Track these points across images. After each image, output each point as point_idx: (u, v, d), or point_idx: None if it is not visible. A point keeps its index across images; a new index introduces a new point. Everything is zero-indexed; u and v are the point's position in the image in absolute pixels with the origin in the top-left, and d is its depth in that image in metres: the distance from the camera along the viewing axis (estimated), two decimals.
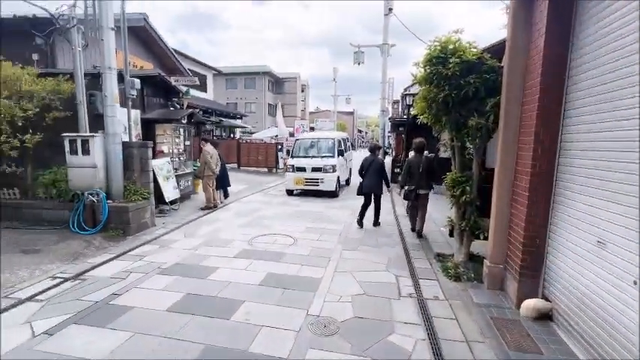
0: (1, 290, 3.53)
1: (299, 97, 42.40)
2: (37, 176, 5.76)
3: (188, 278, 3.92)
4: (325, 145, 10.05)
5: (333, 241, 5.43)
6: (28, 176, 5.87)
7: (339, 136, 11.01)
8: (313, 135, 11.66)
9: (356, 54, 13.68)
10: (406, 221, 6.78)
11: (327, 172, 9.14)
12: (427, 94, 4.30)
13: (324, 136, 10.95)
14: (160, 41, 11.50)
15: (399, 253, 4.96)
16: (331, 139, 10.21)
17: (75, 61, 5.57)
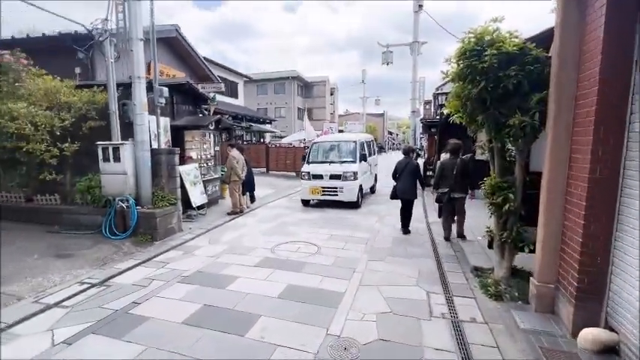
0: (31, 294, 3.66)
1: (328, 101, 42.37)
2: (75, 183, 6.04)
3: (207, 288, 3.83)
4: (345, 149, 8.87)
5: (359, 251, 5.14)
6: (67, 183, 6.19)
7: (362, 138, 9.58)
8: (332, 138, 10.11)
9: (384, 54, 13.26)
10: (439, 229, 6.30)
11: (348, 179, 7.95)
12: (461, 92, 3.90)
13: (344, 138, 9.72)
14: (191, 51, 11.89)
15: (430, 265, 4.56)
16: (352, 141, 8.92)
17: (107, 73, 5.80)
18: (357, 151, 8.53)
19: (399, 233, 6.11)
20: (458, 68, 3.88)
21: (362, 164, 8.51)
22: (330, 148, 9.15)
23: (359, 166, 8.29)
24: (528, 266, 3.69)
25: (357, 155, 8.44)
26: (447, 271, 4.32)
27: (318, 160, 8.83)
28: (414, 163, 6.24)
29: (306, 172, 8.43)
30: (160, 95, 6.31)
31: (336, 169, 8.15)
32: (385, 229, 6.45)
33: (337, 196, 8.00)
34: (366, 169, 8.90)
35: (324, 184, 8.16)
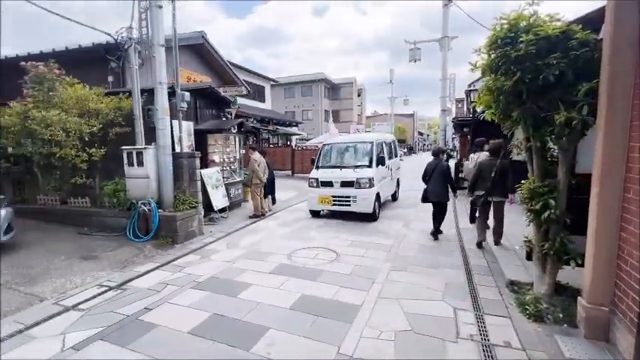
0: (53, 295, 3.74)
1: (355, 102, 41.94)
2: (103, 186, 6.27)
3: (219, 295, 3.71)
4: (360, 152, 7.67)
5: (380, 258, 4.82)
6: (96, 186, 6.45)
7: (380, 138, 8.22)
8: (344, 139, 8.69)
9: (412, 51, 12.73)
10: (470, 236, 5.81)
11: (362, 187, 6.78)
12: (492, 85, 3.49)
13: (358, 139, 8.29)
14: (217, 56, 12.14)
15: (460, 277, 4.14)
16: (368, 142, 7.67)
17: (132, 79, 5.97)
18: (373, 153, 7.31)
19: (427, 240, 5.70)
20: (489, 59, 3.48)
21: (379, 169, 7.32)
22: (342, 151, 7.95)
23: (375, 171, 7.10)
24: (575, 282, 3.20)
25: (374, 158, 7.23)
26: (478, 284, 3.89)
27: (329, 164, 7.71)
28: (444, 165, 5.91)
29: (314, 179, 7.33)
30: (182, 100, 6.38)
31: (349, 175, 7.02)
32: (411, 234, 6.05)
33: (350, 207, 6.90)
34: (384, 175, 7.77)
35: (334, 192, 7.05)
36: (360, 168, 7.13)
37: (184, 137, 7.17)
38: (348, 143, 8.10)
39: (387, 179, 8.09)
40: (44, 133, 5.64)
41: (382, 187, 7.51)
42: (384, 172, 7.77)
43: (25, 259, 4.71)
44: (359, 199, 6.82)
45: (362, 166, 7.18)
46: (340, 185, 7.03)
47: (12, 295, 3.75)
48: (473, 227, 6.43)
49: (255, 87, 21.35)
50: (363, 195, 6.80)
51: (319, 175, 7.36)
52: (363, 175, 6.90)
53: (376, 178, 7.04)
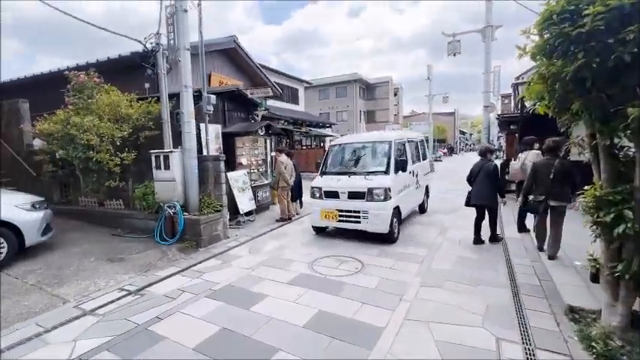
0: (75, 298, 3.79)
1: (391, 102, 40.80)
2: (135, 189, 6.44)
3: (232, 306, 3.51)
4: (375, 154, 6.14)
5: (411, 271, 4.33)
6: (129, 189, 6.65)
7: (402, 138, 6.53)
8: (357, 138, 6.89)
9: (450, 44, 11.83)
10: (518, 248, 5.10)
11: (375, 199, 5.32)
12: (546, 71, 2.91)
13: (373, 138, 6.52)
14: (249, 60, 12.27)
15: (504, 297, 3.55)
16: (385, 142, 6.05)
17: (160, 84, 6.06)
18: (391, 156, 5.73)
19: (465, 250, 5.10)
20: (541, 40, 2.91)
21: (399, 176, 5.73)
22: (353, 153, 6.38)
23: (393, 178, 5.55)
24: None
25: (392, 163, 5.65)
26: (528, 308, 3.29)
27: (336, 169, 6.25)
28: (491, 165, 5.33)
29: (316, 188, 5.96)
30: (208, 103, 6.38)
31: (359, 183, 5.54)
32: (447, 244, 5.46)
33: (360, 224, 5.44)
34: (407, 182, 6.20)
35: (340, 205, 5.62)
36: (374, 175, 5.60)
37: (211, 140, 7.20)
38: (360, 143, 6.44)
39: (411, 188, 6.50)
40: (82, 138, 5.91)
41: (403, 199, 5.92)
42: (407, 179, 6.18)
43: (59, 260, 4.90)
44: (371, 214, 5.32)
45: (376, 173, 5.65)
46: (348, 197, 5.57)
47: (40, 296, 3.86)
48: (520, 237, 5.69)
49: (289, 89, 21.48)
50: (376, 210, 5.30)
51: (323, 183, 5.94)
52: (376, 183, 5.40)
53: (394, 188, 5.51)
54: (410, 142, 6.84)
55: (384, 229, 5.33)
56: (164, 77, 6.08)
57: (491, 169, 5.26)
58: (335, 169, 6.27)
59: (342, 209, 5.63)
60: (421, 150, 7.71)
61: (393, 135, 6.43)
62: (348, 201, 5.59)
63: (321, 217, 5.86)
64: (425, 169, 7.76)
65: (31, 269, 4.55)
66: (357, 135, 7.44)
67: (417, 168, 6.96)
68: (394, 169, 5.64)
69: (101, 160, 6.06)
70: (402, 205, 5.82)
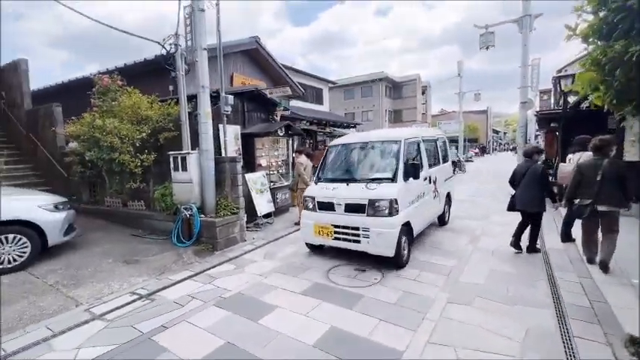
0: (88, 300, 3.76)
1: (419, 100, 39.52)
2: (155, 190, 6.49)
3: (239, 317, 3.30)
4: (380, 157, 5.01)
5: (437, 284, 3.92)
6: (150, 190, 6.71)
7: (415, 137, 5.34)
8: (360, 137, 5.64)
9: (482, 37, 11.04)
10: (561, 260, 4.51)
11: (378, 213, 4.29)
12: (602, 56, 2.45)
13: (380, 137, 5.30)
14: (271, 60, 12.20)
15: (547, 321, 3.06)
16: (393, 142, 4.94)
17: (178, 85, 6.04)
18: (400, 159, 4.64)
19: (499, 262, 4.58)
20: (597, 19, 2.45)
21: (410, 184, 4.65)
22: (354, 156, 5.28)
23: (403, 187, 4.48)
24: None
25: (400, 167, 4.57)
26: (577, 336, 2.79)
27: (334, 175, 5.19)
28: (539, 167, 4.80)
29: (309, 198, 4.96)
30: (226, 103, 6.30)
31: (357, 193, 4.49)
32: (479, 255, 4.95)
33: (359, 244, 4.39)
34: (421, 191, 5.09)
35: (335, 219, 4.59)
36: (378, 183, 4.52)
37: (230, 141, 7.13)
38: (363, 144, 5.23)
39: (427, 197, 5.36)
40: (105, 140, 6.02)
41: (416, 212, 4.81)
42: (420, 187, 5.05)
43: (79, 260, 4.97)
44: (372, 233, 4.23)
45: (381, 180, 4.57)
46: (345, 210, 4.54)
47: (56, 297, 3.88)
48: (564, 247, 5.06)
49: (313, 90, 21.31)
50: (378, 227, 4.22)
51: (317, 192, 4.92)
52: (380, 194, 4.32)
53: (403, 199, 4.43)
54: (426, 142, 5.69)
55: (389, 251, 4.20)
56: (182, 78, 6.05)
57: (539, 172, 4.73)
58: (332, 175, 5.19)
59: (338, 224, 4.56)
60: (441, 151, 6.47)
61: (404, 133, 5.16)
62: (345, 215, 4.53)
63: (315, 232, 4.79)
64: (445, 174, 6.56)
65: (53, 269, 4.63)
66: (361, 134, 6.01)
67: (436, 172, 5.82)
68: (403, 176, 4.52)
69: (123, 161, 6.15)
70: (413, 219, 4.68)
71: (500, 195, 10.32)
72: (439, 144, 6.44)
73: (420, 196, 5.05)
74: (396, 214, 4.27)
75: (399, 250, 4.29)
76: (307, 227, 4.93)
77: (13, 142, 9.28)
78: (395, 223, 4.24)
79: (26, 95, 9.02)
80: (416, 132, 5.71)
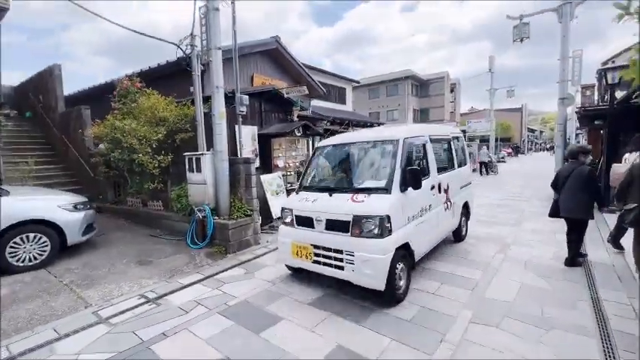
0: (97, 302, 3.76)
1: (447, 98, 38.07)
2: (171, 191, 6.53)
3: (242, 329, 3.13)
4: (372, 161, 4.11)
5: (459, 300, 3.54)
6: (168, 190, 6.77)
7: (420, 135, 4.41)
8: (351, 137, 4.63)
9: (516, 28, 10.24)
10: (608, 276, 3.96)
11: (365, 234, 3.37)
12: None
13: (374, 136, 4.33)
14: (292, 60, 12.08)
15: (588, 350, 2.62)
16: (388, 142, 3.98)
17: (194, 85, 6.02)
18: (396, 163, 3.68)
19: (532, 276, 4.10)
20: None
21: (410, 195, 3.67)
22: (343, 159, 4.44)
23: (399, 200, 3.52)
24: None
25: (397, 174, 3.62)
26: None
27: (317, 183, 4.36)
28: (585, 169, 4.29)
29: (287, 210, 4.09)
30: (241, 103, 6.21)
31: (340, 207, 3.58)
32: (509, 267, 4.48)
33: (343, 271, 3.46)
34: (427, 203, 4.12)
35: (315, 238, 3.70)
36: (367, 194, 3.57)
37: (247, 142, 7.05)
38: (354, 144, 4.31)
39: (436, 210, 4.36)
40: (125, 141, 6.13)
41: (419, 230, 3.84)
42: (426, 197, 4.07)
43: (96, 260, 5.05)
44: (357, 259, 3.30)
45: (371, 191, 3.62)
46: (325, 227, 3.61)
47: (68, 297, 3.91)
48: (611, 260, 4.46)
49: (336, 89, 21.04)
50: (365, 251, 3.28)
51: (296, 203, 4.04)
52: (368, 209, 3.38)
53: (400, 215, 3.49)
54: (435, 142, 4.70)
55: (378, 282, 3.23)
56: (198, 79, 6.03)
57: (585, 174, 4.22)
58: (316, 183, 4.33)
59: (317, 245, 3.63)
60: (456, 152, 5.36)
61: (404, 131, 4.12)
62: (325, 233, 3.60)
63: (293, 252, 3.89)
64: (461, 180, 5.46)
65: (70, 268, 4.73)
66: (355, 132, 5.01)
67: (448, 179, 4.77)
68: (400, 184, 3.53)
69: (142, 162, 6.23)
70: (415, 240, 3.70)
71: (534, 199, 9.54)
72: (454, 144, 5.37)
73: (424, 210, 4.05)
74: (388, 234, 3.30)
75: (393, 281, 3.32)
76: (284, 246, 4.03)
77: (49, 143, 9.83)
78: (386, 246, 3.26)
79: (60, 99, 9.49)
80: (419, 129, 4.66)
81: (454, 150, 5.31)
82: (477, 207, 8.51)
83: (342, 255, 3.45)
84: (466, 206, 5.66)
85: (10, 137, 9.02)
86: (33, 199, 4.85)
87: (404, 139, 3.89)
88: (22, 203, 4.62)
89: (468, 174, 5.87)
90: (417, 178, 3.59)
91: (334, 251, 3.52)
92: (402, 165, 3.66)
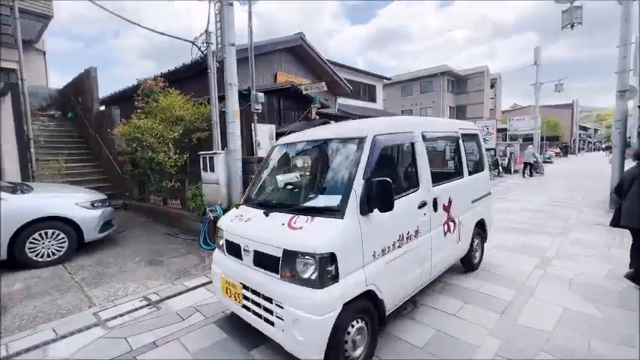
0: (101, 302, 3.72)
1: (486, 95, 35.83)
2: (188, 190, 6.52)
3: (233, 344, 2.89)
4: (327, 168, 2.95)
5: (484, 325, 3.03)
6: (185, 189, 6.78)
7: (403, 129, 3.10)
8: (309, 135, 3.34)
9: (566, 13, 9.12)
10: None
11: (299, 279, 2.26)
12: None
13: (332, 133, 3.10)
14: (317, 57, 11.81)
15: None
16: (351, 141, 2.77)
17: (210, 83, 5.93)
18: (357, 174, 2.47)
19: (579, 298, 3.46)
20: None
21: (376, 220, 2.49)
22: (294, 164, 3.81)
23: (354, 229, 2.35)
24: None
25: (356, 189, 2.41)
26: None
27: (259, 195, 3.32)
28: None
29: (220, 231, 3.09)
30: (256, 101, 6.02)
31: (273, 233, 2.49)
32: (548, 285, 3.85)
33: (272, 327, 2.40)
34: (410, 228, 2.89)
35: (244, 275, 2.67)
36: (312, 215, 2.45)
37: (264, 141, 6.88)
38: (311, 143, 3.29)
39: (428, 237, 3.14)
40: (145, 140, 6.20)
41: (393, 270, 2.67)
42: (407, 221, 2.87)
43: (109, 258, 5.11)
44: (287, 316, 2.26)
45: (318, 212, 2.48)
46: (253, 260, 2.60)
47: (75, 295, 3.93)
48: None
49: (365, 87, 20.50)
50: (295, 307, 2.23)
51: (227, 222, 3.03)
52: (302, 240, 2.28)
53: (354, 250, 2.35)
54: (432, 141, 3.51)
55: (312, 354, 2.19)
56: (213, 77, 5.94)
57: None
58: (259, 195, 3.27)
59: (246, 285, 2.61)
60: (467, 155, 4.01)
61: (376, 126, 2.85)
62: (254, 270, 2.58)
63: (222, 289, 2.91)
64: (475, 191, 4.13)
65: (84, 264, 4.81)
66: (316, 129, 3.62)
67: (451, 191, 3.51)
68: (360, 204, 2.39)
69: (161, 160, 6.28)
70: (386, 283, 2.58)
71: (584, 204, 8.46)
72: (464, 144, 3.97)
73: (406, 238, 2.80)
74: (332, 282, 2.20)
75: (338, 353, 2.23)
76: (215, 278, 3.06)
77: (85, 142, 10.40)
78: (327, 302, 2.16)
79: (95, 100, 9.99)
80: (407, 123, 3.33)
81: (463, 152, 3.93)
82: (513, 213, 7.69)
83: (272, 305, 2.36)
84: (481, 225, 4.33)
85: (51, 136, 9.65)
86: (53, 196, 5.00)
87: (374, 137, 2.64)
88: (41, 200, 4.77)
89: (484, 183, 4.46)
90: (387, 194, 2.35)
91: (264, 298, 2.43)
92: (367, 175, 2.44)
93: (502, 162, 17.46)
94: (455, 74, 34.76)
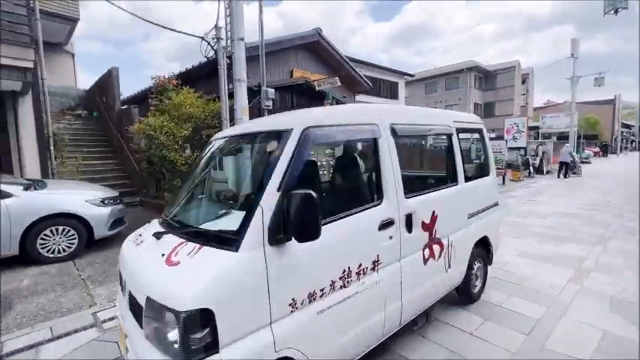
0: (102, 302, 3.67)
1: (517, 91, 34.01)
2: None
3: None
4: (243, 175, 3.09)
5: (507, 347, 2.65)
6: None
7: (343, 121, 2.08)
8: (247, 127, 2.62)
9: None
10: None
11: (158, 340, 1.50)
12: None
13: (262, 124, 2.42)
14: (334, 53, 11.52)
15: None
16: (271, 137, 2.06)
17: (220, 80, 5.82)
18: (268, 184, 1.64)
19: (620, 319, 2.98)
20: None
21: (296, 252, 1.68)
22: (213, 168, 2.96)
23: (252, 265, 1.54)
24: None
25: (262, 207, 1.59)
26: None
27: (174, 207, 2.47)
28: None
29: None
30: (266, 97, 5.85)
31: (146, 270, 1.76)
32: (584, 302, 3.37)
33: None
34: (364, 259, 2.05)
35: (122, 319, 2.02)
36: (202, 243, 1.65)
37: None
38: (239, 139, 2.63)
39: (396, 269, 2.28)
40: (157, 137, 6.20)
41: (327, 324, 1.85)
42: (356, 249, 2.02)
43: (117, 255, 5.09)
44: None
45: (213, 238, 1.68)
46: (128, 304, 1.89)
47: (78, 293, 3.91)
48: None
49: (387, 84, 19.96)
50: None
51: (127, 242, 2.40)
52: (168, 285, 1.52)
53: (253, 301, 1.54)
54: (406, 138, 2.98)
55: None
56: (223, 73, 5.83)
57: None
58: (173, 208, 2.48)
59: (124, 333, 1.92)
60: (462, 157, 3.04)
61: (310, 116, 2.05)
62: (128, 316, 1.88)
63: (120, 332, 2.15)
64: (474, 202, 3.19)
65: (92, 262, 4.83)
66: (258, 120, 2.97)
67: (435, 204, 2.63)
68: (269, 229, 1.59)
69: (172, 158, 6.25)
70: (320, 345, 1.83)
71: (627, 209, 7.63)
72: (457, 142, 3.03)
73: (356, 273, 2.01)
74: (205, 355, 1.42)
75: None
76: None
77: (108, 140, 10.72)
78: None
79: (117, 98, 10.25)
80: (370, 111, 2.42)
81: (458, 151, 3.00)
82: (545, 217, 7.05)
83: None
84: (484, 244, 3.39)
85: (76, 134, 10.00)
86: (65, 193, 5.06)
87: (303, 131, 1.83)
88: (53, 197, 4.82)
89: (488, 191, 3.49)
90: (309, 214, 1.55)
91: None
92: (285, 185, 1.66)
93: (533, 162, 16.37)
94: (483, 69, 33.27)
